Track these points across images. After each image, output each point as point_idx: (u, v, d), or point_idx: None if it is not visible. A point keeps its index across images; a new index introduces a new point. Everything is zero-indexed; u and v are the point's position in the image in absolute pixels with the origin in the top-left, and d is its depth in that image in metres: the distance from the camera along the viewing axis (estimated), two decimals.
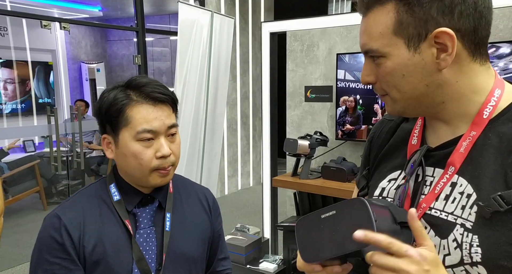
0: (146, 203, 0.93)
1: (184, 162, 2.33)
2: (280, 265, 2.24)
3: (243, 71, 5.06)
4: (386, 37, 0.62)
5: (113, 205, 0.90)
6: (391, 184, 0.74)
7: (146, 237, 0.90)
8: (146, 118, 0.86)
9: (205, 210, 1.02)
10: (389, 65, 0.63)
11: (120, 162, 0.90)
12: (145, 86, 0.87)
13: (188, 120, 2.31)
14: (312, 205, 2.28)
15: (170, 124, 0.89)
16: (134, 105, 0.86)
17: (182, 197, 1.00)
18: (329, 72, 2.41)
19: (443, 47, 0.61)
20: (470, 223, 0.61)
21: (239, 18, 4.86)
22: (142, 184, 0.91)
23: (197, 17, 2.24)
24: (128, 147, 0.86)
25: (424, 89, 0.64)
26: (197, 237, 0.98)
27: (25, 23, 5.47)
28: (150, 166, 0.86)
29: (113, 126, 0.87)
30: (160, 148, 0.87)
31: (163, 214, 0.94)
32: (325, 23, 2.18)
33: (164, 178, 0.90)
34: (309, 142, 2.13)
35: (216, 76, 2.44)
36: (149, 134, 0.86)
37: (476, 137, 0.64)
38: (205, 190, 1.08)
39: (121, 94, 0.87)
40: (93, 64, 6.57)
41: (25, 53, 5.57)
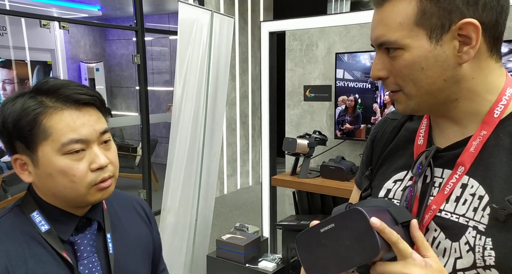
0: (83, 227, 0.78)
1: (184, 162, 2.34)
2: (279, 264, 2.24)
3: (242, 71, 5.06)
4: (407, 28, 0.59)
5: (43, 237, 0.73)
6: (397, 185, 0.72)
7: (91, 267, 0.77)
8: (71, 126, 0.70)
9: (144, 221, 0.92)
10: (407, 58, 0.60)
11: (44, 184, 0.73)
12: (62, 88, 0.71)
13: (188, 119, 2.32)
14: (311, 204, 2.28)
15: (102, 130, 0.74)
16: (53, 113, 0.69)
17: (118, 211, 0.87)
18: (328, 71, 2.42)
19: (466, 40, 0.58)
20: (483, 226, 0.59)
21: (239, 17, 4.86)
22: (78, 205, 0.76)
23: (197, 16, 2.24)
24: (53, 164, 0.70)
25: (441, 84, 0.61)
26: (141, 253, 0.87)
27: (24, 23, 5.46)
28: (86, 182, 0.71)
29: (27, 143, 0.70)
30: (95, 159, 0.72)
31: (102, 236, 0.80)
32: (324, 23, 2.19)
33: (105, 192, 0.75)
34: (308, 141, 2.14)
35: (216, 76, 2.44)
36: (78, 144, 0.70)
37: (486, 137, 0.62)
38: (139, 199, 0.95)
39: (31, 101, 0.70)
40: (92, 63, 6.56)
41: (24, 52, 5.56)
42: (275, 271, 2.19)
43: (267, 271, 2.18)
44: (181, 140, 2.30)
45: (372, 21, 0.64)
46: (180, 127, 2.28)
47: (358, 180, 0.87)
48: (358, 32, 2.31)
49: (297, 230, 2.14)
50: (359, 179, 0.86)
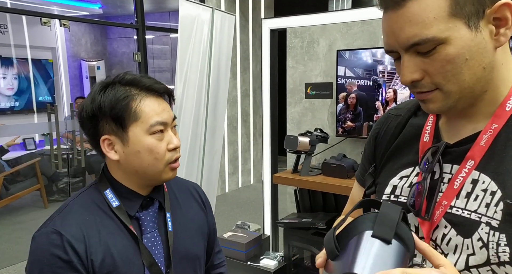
0: (146, 205, 0.89)
1: (185, 160, 2.33)
2: (280, 262, 2.24)
3: (244, 69, 5.05)
4: (443, 21, 0.57)
5: (113, 212, 0.84)
6: (403, 181, 0.71)
7: (153, 241, 0.87)
8: (156, 111, 0.83)
9: (200, 205, 1.01)
10: (451, 51, 0.57)
11: (130, 161, 0.84)
12: (140, 81, 0.85)
13: (189, 117, 2.31)
14: (312, 202, 2.28)
15: (174, 116, 0.88)
16: (141, 99, 0.83)
17: (177, 194, 0.98)
18: (329, 68, 2.41)
19: (499, 23, 0.57)
20: (496, 222, 0.58)
21: (240, 15, 4.85)
22: (151, 182, 0.87)
23: (198, 13, 2.23)
24: (141, 142, 0.82)
25: (481, 73, 0.59)
26: (197, 234, 0.96)
27: (25, 21, 5.46)
28: (165, 159, 0.84)
29: (121, 123, 0.82)
30: (172, 140, 0.85)
31: (163, 214, 0.91)
32: (325, 20, 2.17)
33: (174, 172, 0.88)
34: (310, 139, 2.13)
35: (217, 74, 2.44)
36: (161, 126, 0.83)
37: (498, 130, 0.61)
38: (195, 185, 1.06)
39: (121, 90, 0.83)
40: (93, 61, 6.56)
41: (25, 50, 5.56)
42: (277, 269, 2.19)
43: (269, 269, 2.18)
44: (182, 138, 2.30)
45: (390, 25, 0.61)
46: (181, 124, 2.27)
47: (360, 177, 0.86)
48: (359, 29, 2.30)
49: (298, 228, 2.14)
50: (362, 176, 0.84)
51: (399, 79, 0.65)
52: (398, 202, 0.71)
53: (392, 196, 0.72)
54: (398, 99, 2.07)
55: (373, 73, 2.13)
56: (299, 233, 2.15)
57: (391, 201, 0.72)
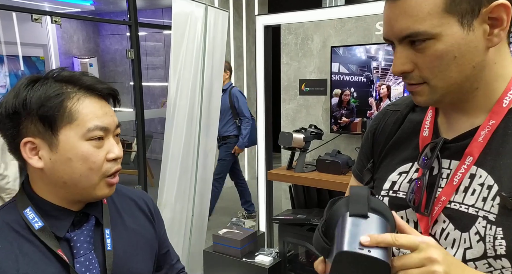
0: (79, 222, 0.76)
1: (179, 158, 2.33)
2: (275, 258, 2.25)
3: (238, 66, 5.04)
4: (436, 17, 0.57)
5: (35, 236, 0.70)
6: (402, 177, 0.72)
7: (88, 264, 0.74)
8: (97, 113, 0.72)
9: (147, 217, 0.89)
10: (439, 48, 0.58)
11: (58, 170, 0.71)
12: (80, 78, 0.73)
13: (183, 115, 2.30)
14: (307, 198, 2.29)
15: (117, 123, 0.76)
16: (79, 99, 0.71)
17: (118, 206, 0.85)
18: (324, 65, 2.41)
19: (495, 23, 0.57)
20: (493, 215, 0.59)
21: (233, 11, 4.83)
22: (84, 198, 0.75)
23: (191, 10, 2.22)
24: (75, 149, 0.70)
25: (470, 72, 0.60)
26: (143, 250, 0.85)
27: (15, 17, 5.39)
28: (101, 171, 0.72)
29: (51, 125, 0.69)
30: (112, 149, 0.73)
31: (101, 231, 0.78)
32: (319, 16, 2.17)
33: (111, 189, 0.75)
34: (304, 136, 2.13)
35: (210, 70, 2.43)
36: (100, 131, 0.72)
37: (495, 126, 0.61)
38: (142, 194, 0.94)
39: (55, 86, 0.71)
40: (85, 59, 6.50)
41: (16, 48, 5.50)
42: (272, 265, 2.20)
43: (264, 265, 2.18)
44: (177, 136, 2.29)
45: (387, 15, 0.62)
46: (175, 122, 2.27)
47: (357, 173, 0.86)
48: (353, 25, 2.30)
49: (293, 224, 2.14)
50: (360, 172, 0.84)
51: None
52: (396, 197, 0.71)
53: (391, 192, 0.72)
54: (392, 95, 2.08)
55: (367, 69, 2.14)
56: (294, 229, 2.15)
57: (390, 197, 0.73)
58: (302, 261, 2.31)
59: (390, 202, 0.72)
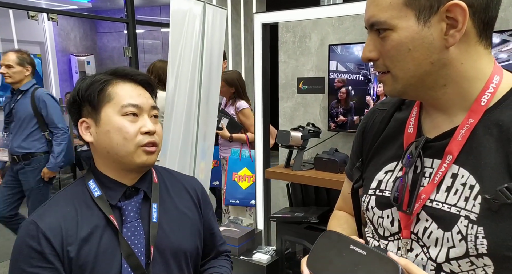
0: (130, 195, 0.88)
1: (177, 155, 2.32)
2: (273, 256, 2.25)
3: (236, 64, 5.03)
4: (396, 8, 0.59)
5: (95, 202, 0.85)
6: (388, 176, 0.73)
7: (133, 230, 0.86)
8: (130, 94, 0.86)
9: (193, 200, 0.99)
10: (395, 38, 0.60)
11: (102, 141, 0.85)
12: (122, 69, 0.89)
13: (181, 112, 2.30)
14: (304, 196, 2.29)
15: (153, 104, 0.89)
16: (117, 83, 0.87)
17: (169, 187, 0.97)
18: (321, 63, 2.41)
19: (453, 23, 0.58)
20: (474, 215, 0.59)
21: (231, 9, 4.82)
22: (127, 165, 0.86)
23: (190, 7, 2.21)
24: (111, 122, 0.84)
25: (428, 67, 0.61)
26: (186, 228, 0.94)
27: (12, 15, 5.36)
28: (135, 141, 0.84)
29: (94, 105, 0.85)
30: (145, 124, 0.85)
31: (149, 205, 0.90)
32: (317, 14, 2.17)
33: (149, 157, 0.86)
34: (302, 134, 2.13)
35: (209, 68, 2.42)
36: (134, 108, 0.85)
37: (473, 125, 0.62)
38: (193, 180, 1.05)
39: (100, 76, 0.87)
40: (82, 56, 6.48)
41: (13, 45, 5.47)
42: (269, 263, 2.20)
43: (262, 263, 2.19)
44: (175, 132, 2.29)
45: (366, 2, 0.65)
46: (174, 120, 2.26)
47: (349, 172, 0.88)
48: (351, 23, 2.30)
49: (291, 222, 2.15)
50: (350, 170, 0.86)
51: None
52: (382, 196, 0.73)
53: (378, 191, 0.74)
54: None
55: (365, 67, 2.14)
56: (292, 227, 2.16)
57: (376, 196, 0.74)
58: (299, 259, 2.31)
59: (376, 201, 0.74)
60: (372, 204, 0.74)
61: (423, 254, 0.65)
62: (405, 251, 0.68)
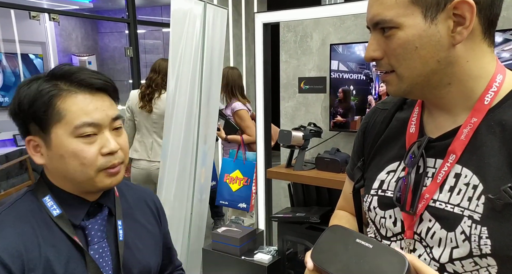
0: (94, 213, 0.79)
1: (178, 155, 2.32)
2: (274, 256, 2.25)
3: (237, 63, 5.02)
4: (402, 6, 0.59)
5: (54, 222, 0.74)
6: (390, 176, 0.72)
7: (101, 252, 0.78)
8: (85, 110, 0.71)
9: (154, 214, 0.93)
10: (402, 36, 0.60)
11: (56, 166, 0.74)
12: (76, 73, 0.73)
13: (182, 113, 2.30)
14: (306, 196, 2.28)
15: (114, 116, 0.75)
16: (67, 96, 0.71)
17: (129, 201, 0.89)
18: (323, 63, 2.40)
19: (460, 20, 0.58)
20: (478, 215, 0.59)
21: (232, 9, 4.81)
22: (88, 189, 0.77)
23: (190, 7, 2.21)
24: (65, 146, 0.71)
25: (435, 66, 0.60)
26: (150, 244, 0.89)
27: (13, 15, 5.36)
28: (95, 165, 0.73)
29: (41, 124, 0.71)
30: (106, 143, 0.73)
31: (114, 222, 0.82)
32: (319, 13, 2.16)
33: (114, 178, 0.76)
34: (303, 134, 2.13)
35: (209, 68, 2.42)
36: (90, 128, 0.72)
37: (477, 124, 0.62)
38: (151, 194, 0.97)
39: (46, 84, 0.72)
40: (84, 56, 6.48)
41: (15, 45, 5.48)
42: (271, 263, 2.19)
43: (263, 263, 2.18)
44: (175, 133, 2.28)
45: (368, 1, 0.64)
46: (174, 120, 2.26)
47: (350, 171, 0.87)
48: (352, 22, 2.30)
49: (292, 222, 2.14)
50: (351, 170, 0.85)
51: None
52: (385, 197, 0.72)
53: (380, 191, 0.73)
54: None
55: (366, 67, 2.13)
56: (293, 227, 2.15)
57: (379, 196, 0.73)
58: (301, 259, 2.31)
59: (379, 201, 0.73)
60: (374, 205, 0.74)
61: (426, 254, 0.65)
62: (408, 251, 0.67)
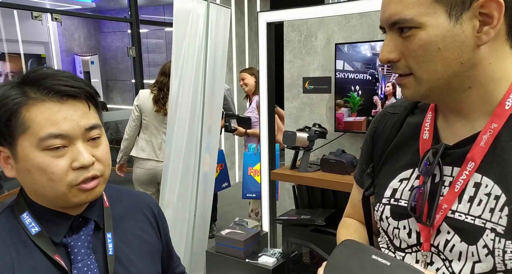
0: (78, 227, 0.72)
1: (181, 156, 2.30)
2: (279, 259, 2.22)
3: (240, 63, 5.00)
4: (424, 5, 0.55)
5: (32, 241, 0.67)
6: (403, 184, 0.69)
7: (86, 270, 0.71)
8: (51, 120, 0.64)
9: (150, 221, 0.86)
10: (423, 37, 0.56)
11: (24, 181, 0.68)
12: (46, 79, 0.65)
13: (185, 113, 2.27)
14: (311, 198, 2.25)
15: (88, 126, 0.67)
16: (32, 104, 0.64)
17: (121, 210, 0.82)
18: (328, 62, 2.37)
19: (486, 19, 0.55)
20: (501, 228, 0.56)
21: (235, 8, 4.78)
22: (64, 205, 0.70)
23: (193, 7, 2.18)
24: (30, 160, 0.64)
25: (458, 68, 0.57)
26: (146, 255, 0.82)
27: (16, 15, 5.36)
28: (65, 180, 0.65)
29: (4, 135, 0.65)
30: (78, 156, 0.65)
31: (102, 235, 0.75)
32: (323, 12, 2.13)
33: (90, 193, 0.68)
34: (308, 135, 2.09)
35: (213, 68, 2.39)
36: (57, 140, 0.64)
37: (498, 130, 0.58)
38: (146, 198, 0.90)
39: (13, 91, 0.65)
40: (87, 56, 6.47)
41: (17, 45, 5.48)
42: (276, 266, 2.17)
43: (268, 266, 2.15)
44: (178, 134, 2.26)
45: (382, 0, 0.60)
46: (177, 121, 2.23)
47: (358, 178, 0.84)
48: (358, 21, 2.26)
49: (297, 224, 2.11)
50: (360, 177, 0.82)
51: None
52: (398, 206, 0.69)
53: (392, 200, 0.70)
54: (398, 94, 2.04)
55: (372, 66, 2.09)
56: (298, 230, 2.12)
57: (392, 205, 0.69)
58: (306, 262, 2.28)
59: (391, 211, 0.70)
60: (387, 214, 0.70)
61: (444, 268, 0.62)
62: (424, 264, 0.64)
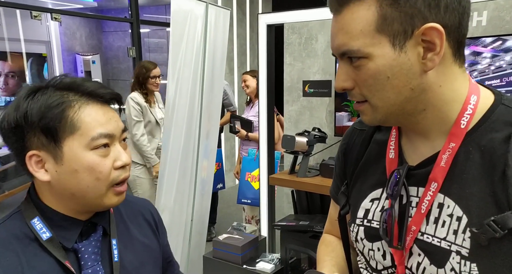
0: (87, 233, 0.74)
1: (178, 159, 2.26)
2: (277, 265, 2.18)
3: (241, 64, 4.97)
4: (368, 36, 0.55)
5: (42, 246, 0.68)
6: (374, 205, 0.69)
7: None
8: (100, 121, 0.69)
9: (151, 227, 0.88)
10: (372, 67, 0.56)
11: (65, 182, 0.69)
12: (83, 84, 0.70)
13: (182, 116, 2.24)
14: (310, 204, 2.22)
15: (123, 127, 0.73)
16: (81, 107, 0.68)
17: (124, 216, 0.84)
18: (328, 66, 2.33)
19: (430, 46, 0.55)
20: (466, 250, 0.56)
21: (237, 9, 4.75)
22: (92, 208, 0.73)
23: (191, 8, 2.15)
24: (80, 160, 0.67)
25: (408, 94, 0.57)
26: (148, 261, 0.83)
27: (18, 14, 5.35)
28: (109, 180, 0.70)
29: (53, 137, 0.67)
30: (119, 156, 0.71)
31: (108, 242, 0.76)
32: (324, 15, 2.09)
33: (120, 197, 0.73)
34: (307, 139, 2.06)
35: (211, 70, 2.36)
36: (105, 139, 0.69)
37: (456, 149, 0.59)
38: (147, 203, 0.92)
39: (55, 95, 0.68)
40: (88, 56, 6.46)
41: (20, 44, 5.47)
42: (274, 272, 2.13)
43: (265, 272, 2.12)
44: (175, 138, 2.23)
45: (331, 29, 0.60)
46: (174, 124, 2.20)
47: (334, 195, 0.84)
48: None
49: (295, 230, 2.08)
50: (335, 193, 0.83)
51: None
52: (371, 228, 0.69)
53: (365, 221, 0.70)
54: None
55: None
56: (297, 236, 2.09)
57: (365, 227, 0.70)
58: (304, 268, 2.24)
59: (365, 233, 0.70)
60: (361, 236, 0.71)
61: None
62: None
